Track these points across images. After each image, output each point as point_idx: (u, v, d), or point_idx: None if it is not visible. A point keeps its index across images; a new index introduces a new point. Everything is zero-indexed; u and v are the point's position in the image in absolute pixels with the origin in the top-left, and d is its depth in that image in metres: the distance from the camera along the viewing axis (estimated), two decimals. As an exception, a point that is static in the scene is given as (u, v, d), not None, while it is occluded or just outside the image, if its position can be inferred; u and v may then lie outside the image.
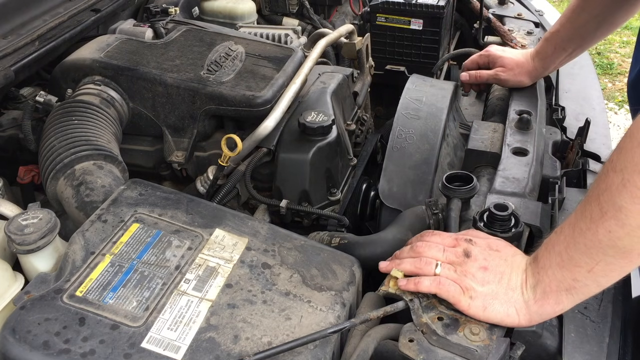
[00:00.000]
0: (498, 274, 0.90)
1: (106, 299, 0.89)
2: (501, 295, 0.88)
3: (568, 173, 1.34)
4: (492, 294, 0.89)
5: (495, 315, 0.88)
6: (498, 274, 0.90)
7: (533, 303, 0.87)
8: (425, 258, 0.94)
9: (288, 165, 1.33)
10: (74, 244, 0.97)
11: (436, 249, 0.96)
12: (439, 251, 0.95)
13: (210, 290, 0.92)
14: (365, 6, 2.28)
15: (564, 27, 1.44)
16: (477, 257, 0.92)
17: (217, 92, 1.35)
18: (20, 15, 1.45)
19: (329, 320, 0.92)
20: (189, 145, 1.41)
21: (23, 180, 1.38)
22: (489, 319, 0.88)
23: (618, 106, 4.30)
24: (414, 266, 0.94)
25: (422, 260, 0.94)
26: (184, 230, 1.02)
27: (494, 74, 1.59)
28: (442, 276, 0.91)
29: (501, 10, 2.11)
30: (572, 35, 1.43)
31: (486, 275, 0.90)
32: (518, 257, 0.93)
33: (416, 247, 0.98)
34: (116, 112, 1.36)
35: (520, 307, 0.88)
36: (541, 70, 1.54)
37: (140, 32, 1.64)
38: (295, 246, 1.04)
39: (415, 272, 0.94)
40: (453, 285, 0.90)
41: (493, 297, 0.88)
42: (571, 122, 1.56)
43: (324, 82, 1.52)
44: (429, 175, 1.31)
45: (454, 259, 0.93)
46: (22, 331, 0.83)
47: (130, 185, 1.10)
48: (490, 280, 0.90)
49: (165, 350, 0.83)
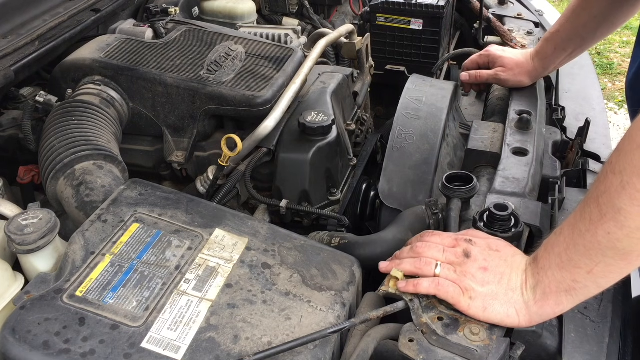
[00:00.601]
0: (498, 274, 0.90)
1: (106, 299, 0.89)
2: (501, 295, 0.88)
3: (568, 173, 1.34)
4: (492, 295, 0.89)
5: (495, 315, 0.88)
6: (498, 275, 0.90)
7: (533, 304, 0.87)
8: (425, 258, 0.94)
9: (288, 165, 1.33)
10: (74, 244, 0.97)
11: (436, 249, 0.96)
12: (438, 252, 0.95)
13: (210, 290, 0.92)
14: (365, 6, 2.28)
15: (563, 27, 1.44)
16: (477, 258, 0.92)
17: (217, 92, 1.35)
18: (20, 15, 1.45)
19: (329, 320, 0.92)
20: (189, 145, 1.41)
21: (23, 180, 1.38)
22: (489, 319, 0.88)
23: (618, 106, 4.30)
24: (413, 266, 0.94)
25: (422, 260, 0.94)
26: (184, 230, 1.02)
27: (494, 74, 1.59)
28: (441, 277, 0.91)
29: (501, 10, 2.11)
30: (572, 35, 1.43)
31: (486, 275, 0.90)
32: (518, 258, 0.93)
33: (416, 248, 0.98)
34: (116, 112, 1.36)
35: (521, 307, 0.88)
36: (541, 70, 1.54)
37: (140, 32, 1.64)
38: (295, 246, 1.04)
39: (415, 273, 0.94)
40: (452, 286, 0.90)
41: (493, 297, 0.88)
42: (571, 122, 1.56)
43: (324, 82, 1.52)
44: (429, 175, 1.31)
45: (453, 260, 0.93)
46: (22, 331, 0.83)
47: (130, 185, 1.10)
48: (490, 281, 0.90)
49: (165, 350, 0.83)
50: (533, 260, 0.90)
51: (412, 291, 0.92)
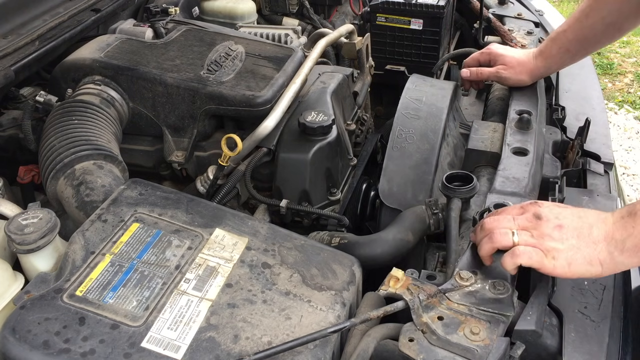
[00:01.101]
0: (574, 229, 0.92)
1: (106, 298, 0.89)
2: (583, 248, 0.90)
3: (568, 173, 1.34)
4: (574, 249, 0.90)
5: (579, 268, 0.90)
6: (575, 230, 0.92)
7: (619, 254, 0.89)
8: (499, 230, 0.95)
9: (288, 165, 1.33)
10: (74, 243, 0.97)
11: (505, 220, 0.96)
12: (509, 221, 0.96)
13: (210, 290, 0.92)
14: (365, 6, 2.28)
15: (571, 28, 1.43)
16: (549, 217, 0.93)
17: (217, 92, 1.35)
18: (20, 15, 1.45)
19: (329, 320, 0.92)
20: (189, 145, 1.41)
21: (23, 180, 1.38)
22: (574, 273, 0.91)
23: (618, 106, 4.30)
24: (490, 245, 0.94)
25: (496, 233, 0.94)
26: (184, 230, 1.02)
27: (495, 72, 1.58)
28: (521, 243, 0.92)
29: (501, 10, 2.11)
30: (578, 36, 1.42)
31: (563, 232, 0.92)
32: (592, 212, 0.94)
33: (486, 225, 0.98)
34: (116, 111, 1.36)
35: (604, 258, 0.90)
36: (543, 70, 1.54)
37: (140, 32, 1.64)
38: (295, 246, 1.04)
39: (494, 248, 0.94)
40: (534, 251, 0.91)
41: (575, 251, 0.90)
42: (571, 122, 1.56)
43: (324, 82, 1.52)
44: (429, 175, 1.31)
45: (527, 224, 0.94)
46: (22, 331, 0.83)
47: (130, 185, 1.10)
48: (568, 236, 0.91)
49: (165, 349, 0.83)
50: (628, 214, 0.91)
51: (510, 269, 0.93)
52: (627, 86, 4.57)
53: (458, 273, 0.96)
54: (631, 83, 4.61)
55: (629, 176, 3.64)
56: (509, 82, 1.58)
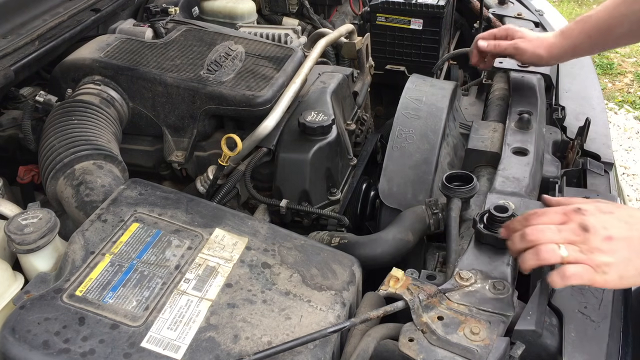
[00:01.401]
0: (624, 239, 0.88)
1: (106, 298, 0.88)
2: (634, 259, 0.87)
3: (568, 173, 1.34)
4: (625, 261, 0.87)
5: (631, 280, 0.88)
6: (625, 240, 0.88)
7: None
8: (544, 245, 0.89)
9: (288, 165, 1.33)
10: (73, 243, 0.97)
11: (549, 232, 0.90)
12: (553, 233, 0.89)
13: (210, 290, 0.92)
14: (365, 6, 2.28)
15: (597, 13, 1.38)
16: (596, 229, 0.88)
17: (217, 92, 1.35)
18: (20, 15, 1.45)
19: (329, 320, 0.92)
20: (189, 145, 1.41)
21: (23, 180, 1.38)
22: (626, 285, 0.89)
23: (618, 106, 4.30)
24: (536, 260, 0.89)
25: (543, 250, 0.88)
26: (184, 230, 1.02)
27: (514, 43, 1.52)
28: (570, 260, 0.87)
29: (501, 10, 2.11)
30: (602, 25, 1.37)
31: (612, 244, 0.87)
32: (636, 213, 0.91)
33: (528, 236, 0.91)
34: (116, 111, 1.36)
35: None
36: (559, 49, 1.46)
37: (140, 32, 1.64)
38: (295, 246, 1.04)
39: (540, 264, 0.89)
40: (582, 268, 0.86)
41: (627, 263, 0.87)
42: (571, 122, 1.56)
43: (324, 81, 1.52)
44: (429, 175, 1.31)
45: (574, 238, 0.88)
46: (22, 331, 0.83)
47: (130, 184, 1.10)
48: (618, 248, 0.87)
49: (165, 349, 0.83)
50: None
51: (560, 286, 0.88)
52: (627, 86, 4.57)
53: (458, 273, 0.96)
54: (631, 83, 4.61)
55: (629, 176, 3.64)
56: (526, 55, 1.51)
